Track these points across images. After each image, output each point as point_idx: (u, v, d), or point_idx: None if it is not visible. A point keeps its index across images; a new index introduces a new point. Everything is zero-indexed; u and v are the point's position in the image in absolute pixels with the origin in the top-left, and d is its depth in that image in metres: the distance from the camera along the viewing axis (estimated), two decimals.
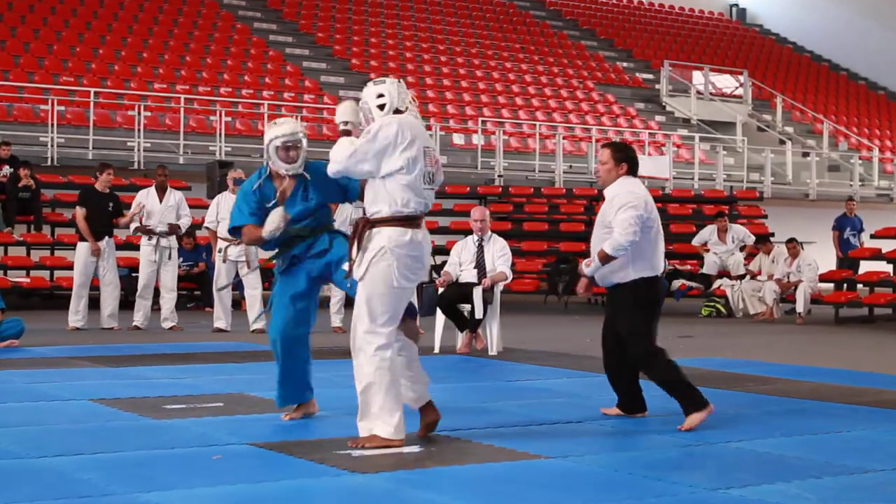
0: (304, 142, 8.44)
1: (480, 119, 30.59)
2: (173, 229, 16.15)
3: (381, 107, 7.44)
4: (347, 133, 7.55)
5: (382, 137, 7.26)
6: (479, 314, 13.10)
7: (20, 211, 20.83)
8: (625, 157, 8.69)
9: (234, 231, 8.80)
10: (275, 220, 8.20)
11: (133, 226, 16.14)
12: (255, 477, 6.43)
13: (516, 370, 11.93)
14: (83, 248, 15.83)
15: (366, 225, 7.42)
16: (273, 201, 8.39)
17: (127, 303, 16.52)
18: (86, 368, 11.32)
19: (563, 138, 30.04)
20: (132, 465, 6.73)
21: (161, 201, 16.15)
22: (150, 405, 8.84)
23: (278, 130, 8.40)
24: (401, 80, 7.62)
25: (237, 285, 16.28)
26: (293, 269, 8.35)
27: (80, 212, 15.85)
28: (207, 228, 16.09)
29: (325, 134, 27.51)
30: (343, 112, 7.73)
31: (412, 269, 7.38)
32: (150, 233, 16.01)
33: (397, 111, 7.46)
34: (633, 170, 8.72)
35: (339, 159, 7.37)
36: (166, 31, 31.56)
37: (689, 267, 23.23)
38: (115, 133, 24.73)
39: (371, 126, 7.35)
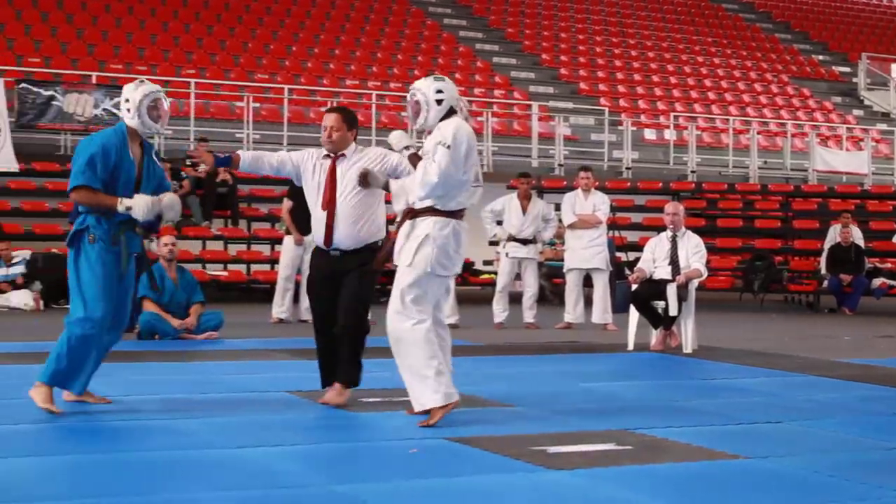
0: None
1: (672, 114, 30.30)
2: None
3: (439, 101, 7.87)
4: (415, 156, 7.94)
5: (461, 142, 7.73)
6: (673, 311, 12.96)
7: (218, 206, 21.28)
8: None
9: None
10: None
11: None
12: (450, 471, 6.46)
13: (712, 368, 11.78)
14: (290, 241, 16.04)
15: (410, 214, 7.89)
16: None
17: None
18: (284, 361, 11.49)
19: (758, 133, 29.58)
20: (328, 457, 6.82)
21: None
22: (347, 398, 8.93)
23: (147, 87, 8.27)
24: (452, 74, 8.08)
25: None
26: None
27: (286, 204, 16.09)
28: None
29: (516, 129, 27.55)
30: (399, 139, 8.11)
31: (451, 260, 7.86)
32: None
33: (451, 110, 7.88)
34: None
35: (432, 177, 7.69)
36: (358, 28, 31.93)
37: (889, 265, 22.70)
38: (309, 129, 25.04)
39: (442, 135, 7.73)
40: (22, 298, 17.69)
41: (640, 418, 8.04)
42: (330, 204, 8.56)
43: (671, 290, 12.94)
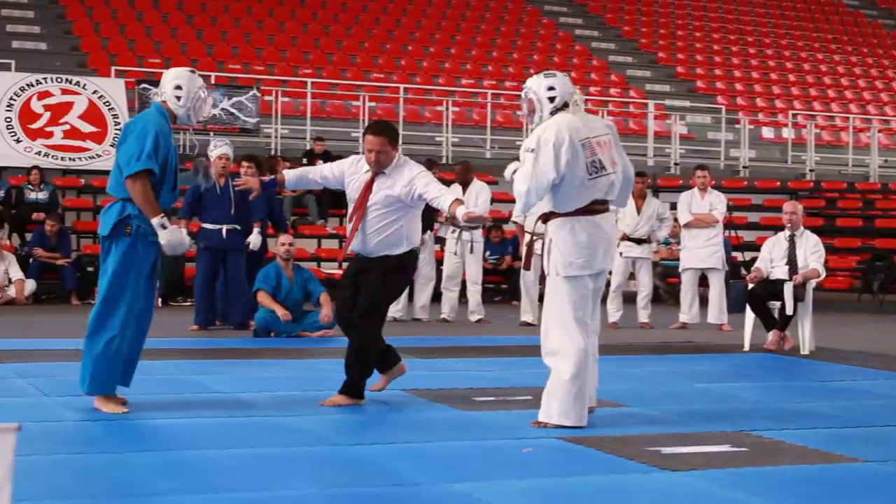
0: None
1: (791, 112, 29.95)
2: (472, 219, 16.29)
3: (552, 99, 7.72)
4: None
5: (547, 141, 7.52)
6: (789, 310, 12.81)
7: (333, 204, 21.43)
8: None
9: None
10: None
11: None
12: (565, 471, 6.44)
13: (830, 370, 11.63)
14: None
15: (542, 219, 7.90)
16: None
17: (436, 295, 16.77)
18: None
19: (878, 131, 29.11)
20: (443, 455, 6.82)
21: (464, 195, 16.30)
22: (460, 396, 8.95)
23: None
24: (567, 73, 7.88)
25: (545, 279, 16.32)
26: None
27: None
28: (515, 222, 16.23)
29: (631, 128, 27.42)
30: (509, 169, 7.95)
31: (582, 257, 7.63)
32: (455, 225, 16.22)
33: (565, 105, 7.72)
34: None
35: (519, 186, 7.63)
36: (473, 27, 31.98)
37: None
38: (424, 128, 25.19)
39: (529, 143, 7.63)
40: None
41: (755, 420, 7.96)
42: (357, 218, 8.52)
43: (787, 290, 12.79)
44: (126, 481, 5.97)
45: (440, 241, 17.00)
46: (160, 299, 17.92)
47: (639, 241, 16.03)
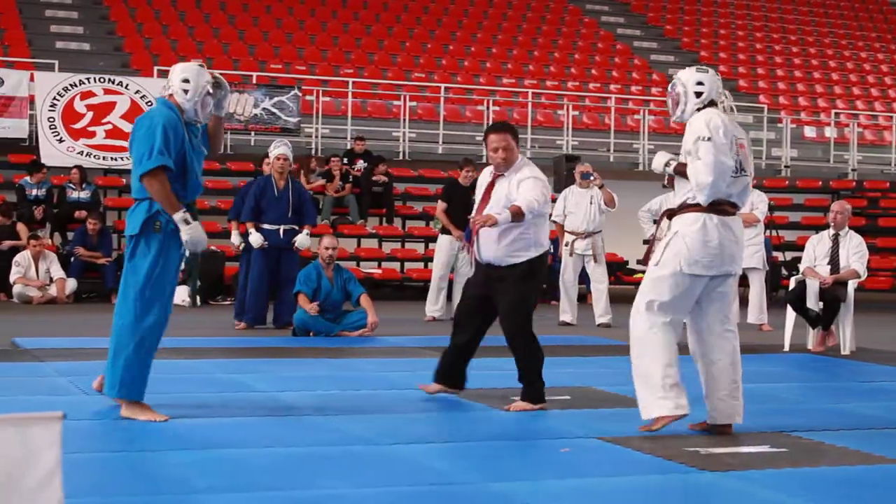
0: None
1: (833, 111, 29.79)
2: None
3: (699, 94, 7.52)
4: (682, 165, 7.48)
5: (717, 128, 7.29)
6: (813, 307, 12.76)
7: (373, 204, 21.50)
8: None
9: None
10: None
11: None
12: (603, 471, 6.44)
13: (871, 371, 11.57)
14: (444, 240, 16.09)
15: (667, 215, 7.68)
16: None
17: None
18: (435, 358, 11.52)
19: None
20: (480, 454, 6.83)
21: None
22: (498, 396, 8.95)
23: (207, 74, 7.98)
24: (717, 70, 7.68)
25: (583, 278, 16.33)
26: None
27: (440, 205, 16.21)
28: (554, 222, 16.20)
29: (672, 128, 27.32)
30: (658, 159, 7.70)
31: (711, 257, 7.35)
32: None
33: (712, 102, 7.52)
34: None
35: (704, 178, 7.25)
36: (515, 26, 31.97)
37: None
38: (465, 127, 25.20)
39: (698, 130, 7.31)
40: (181, 294, 18.05)
41: (795, 420, 7.93)
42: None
43: (812, 289, 12.74)
44: (166, 479, 6.01)
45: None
46: (198, 297, 18.05)
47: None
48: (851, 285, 13.00)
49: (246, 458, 6.58)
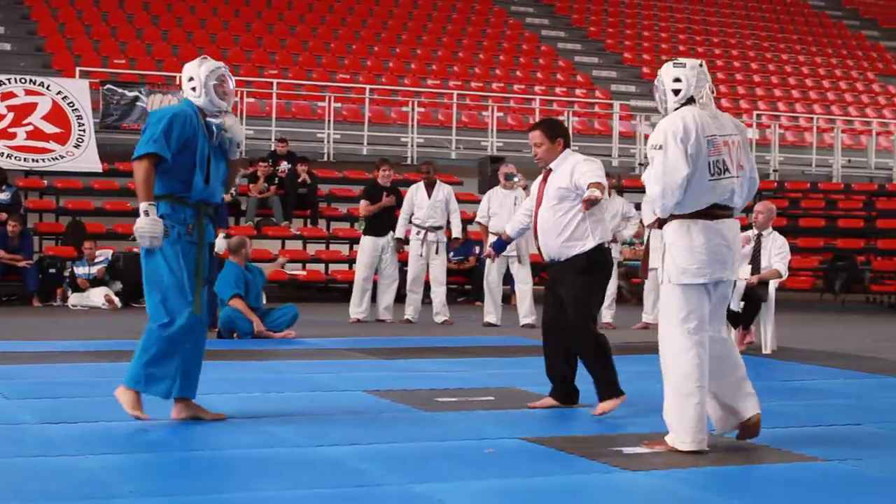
0: None
1: (755, 112, 30.07)
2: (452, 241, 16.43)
3: (676, 91, 7.15)
4: None
5: (675, 136, 6.90)
6: (734, 306, 12.87)
7: (297, 205, 21.44)
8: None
9: None
10: None
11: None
12: (526, 472, 6.45)
13: (791, 370, 11.68)
14: (367, 241, 16.16)
15: (658, 224, 7.29)
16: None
17: (399, 296, 16.77)
18: (360, 360, 11.55)
19: (842, 132, 29.26)
20: (405, 456, 6.83)
21: (430, 196, 16.31)
22: (423, 398, 8.95)
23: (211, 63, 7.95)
24: (702, 63, 7.28)
25: (507, 279, 16.37)
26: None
27: (362, 204, 16.25)
28: (479, 223, 16.25)
29: (596, 128, 27.48)
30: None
31: (696, 263, 6.96)
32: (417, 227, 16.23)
33: (691, 99, 7.12)
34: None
35: (653, 188, 6.98)
36: (439, 28, 32.00)
37: None
38: (389, 129, 25.19)
39: (654, 138, 7.02)
40: (101, 297, 17.94)
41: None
42: (535, 216, 8.60)
43: (738, 289, 12.83)
44: (88, 483, 5.96)
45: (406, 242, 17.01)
46: (119, 299, 17.92)
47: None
48: (773, 285, 13.12)
49: (170, 461, 6.55)
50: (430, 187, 16.37)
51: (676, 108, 7.11)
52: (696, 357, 6.95)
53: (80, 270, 18.31)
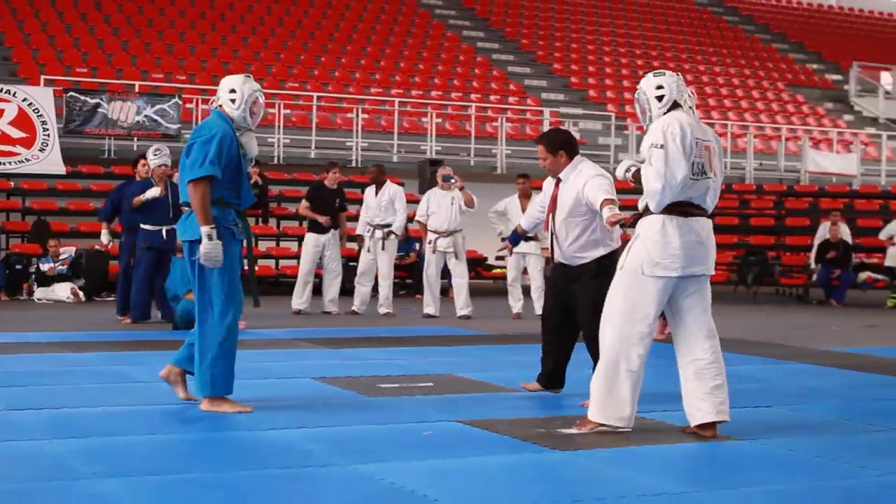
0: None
1: None
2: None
3: (660, 98, 7.07)
4: (640, 172, 7.13)
5: (674, 135, 6.85)
6: None
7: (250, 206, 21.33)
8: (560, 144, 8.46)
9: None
10: None
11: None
12: (463, 452, 6.47)
13: None
14: (311, 238, 16.13)
15: (633, 218, 7.24)
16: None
17: (347, 289, 16.75)
18: (308, 349, 11.52)
19: (755, 137, 29.54)
20: (351, 438, 6.83)
21: (377, 196, 16.33)
22: (367, 384, 8.95)
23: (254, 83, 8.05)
24: (678, 74, 7.25)
25: (445, 274, 16.39)
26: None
27: (303, 204, 16.24)
28: (418, 222, 16.25)
29: (528, 134, 27.53)
30: (622, 167, 7.43)
31: (669, 258, 6.90)
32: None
33: (675, 104, 7.07)
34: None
35: (653, 184, 6.91)
36: (382, 39, 31.94)
37: (875, 260, 22.65)
38: (336, 134, 25.13)
39: (653, 137, 6.93)
40: (66, 291, 17.80)
41: (640, 403, 8.01)
42: (546, 224, 8.57)
43: None
44: (51, 466, 5.92)
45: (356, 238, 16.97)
46: (81, 294, 17.78)
47: (527, 238, 16.06)
48: None
49: (127, 444, 6.51)
50: (378, 188, 16.38)
51: (663, 114, 7.05)
52: (633, 344, 6.96)
53: (45, 266, 18.16)
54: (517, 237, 9.60)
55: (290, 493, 5.50)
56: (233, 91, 7.91)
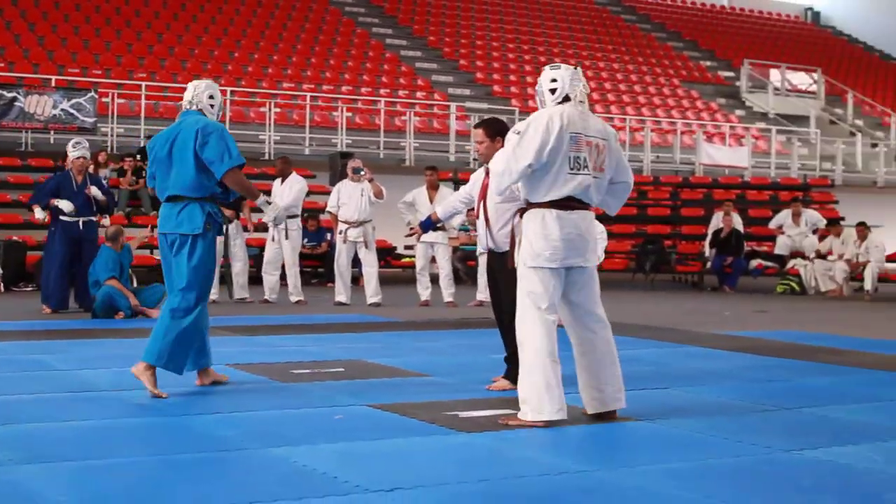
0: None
1: None
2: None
3: (553, 91, 6.96)
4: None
5: (535, 128, 6.77)
6: None
7: None
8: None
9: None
10: None
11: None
12: (372, 435, 6.45)
13: None
14: None
15: (518, 213, 7.13)
16: None
17: (257, 278, 16.65)
18: (223, 337, 11.42)
19: (651, 131, 29.83)
20: (264, 423, 6.79)
21: (282, 186, 16.32)
22: (280, 370, 8.91)
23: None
24: (577, 66, 7.15)
25: (356, 263, 16.35)
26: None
27: None
28: (329, 212, 16.20)
29: (436, 127, 27.55)
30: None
31: (549, 249, 6.78)
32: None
33: (567, 98, 6.94)
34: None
35: (497, 165, 6.89)
36: (294, 36, 31.77)
37: (765, 248, 22.98)
38: (249, 127, 24.94)
39: (521, 126, 6.91)
40: None
41: None
42: (480, 211, 8.40)
43: None
44: None
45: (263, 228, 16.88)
46: (1, 284, 17.51)
47: (435, 228, 16.06)
48: None
49: (47, 431, 6.42)
50: (283, 178, 16.34)
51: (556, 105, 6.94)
52: (547, 335, 6.82)
53: None
54: (429, 223, 9.54)
55: (205, 477, 5.46)
56: (212, 97, 8.31)
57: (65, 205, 13.89)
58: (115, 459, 5.72)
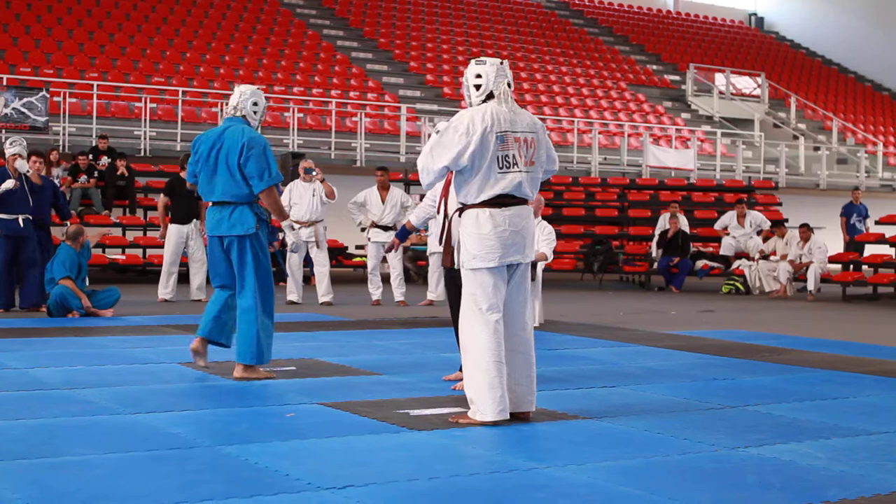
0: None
1: None
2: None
3: (478, 87, 6.84)
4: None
5: (456, 127, 6.69)
6: None
7: (117, 196, 21.02)
8: None
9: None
10: None
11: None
12: (324, 432, 6.44)
13: (557, 340, 11.86)
14: (173, 230, 15.83)
15: (457, 213, 7.00)
16: None
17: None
18: (175, 335, 11.36)
19: (599, 133, 29.95)
20: (216, 420, 6.77)
21: None
22: (232, 368, 8.86)
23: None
24: (503, 62, 6.97)
25: (307, 262, 16.31)
26: None
27: (162, 199, 15.99)
28: None
29: (386, 129, 27.55)
30: None
31: (484, 249, 6.71)
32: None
33: (491, 94, 6.83)
34: None
35: (418, 163, 6.89)
36: (246, 37, 31.65)
37: (710, 249, 23.13)
38: (201, 127, 24.75)
39: (443, 125, 6.89)
40: None
41: None
42: (441, 207, 8.09)
43: None
44: None
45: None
46: None
47: (386, 228, 16.08)
48: (540, 266, 13.31)
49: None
50: None
51: (480, 102, 6.84)
52: (492, 335, 6.70)
53: None
54: (406, 232, 9.44)
55: (157, 475, 5.42)
56: (255, 104, 8.57)
57: (7, 183, 13.60)
58: (66, 458, 5.67)
